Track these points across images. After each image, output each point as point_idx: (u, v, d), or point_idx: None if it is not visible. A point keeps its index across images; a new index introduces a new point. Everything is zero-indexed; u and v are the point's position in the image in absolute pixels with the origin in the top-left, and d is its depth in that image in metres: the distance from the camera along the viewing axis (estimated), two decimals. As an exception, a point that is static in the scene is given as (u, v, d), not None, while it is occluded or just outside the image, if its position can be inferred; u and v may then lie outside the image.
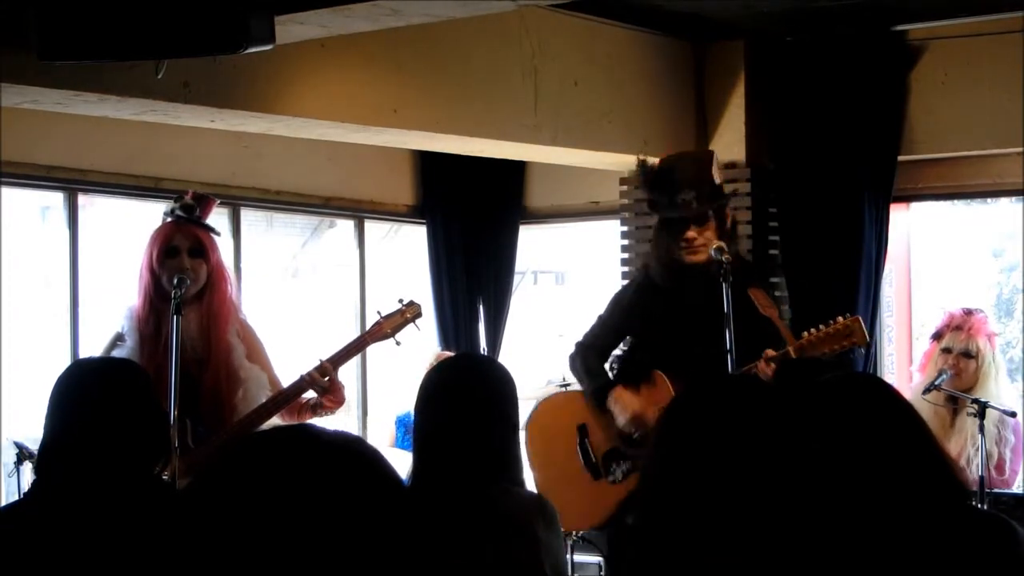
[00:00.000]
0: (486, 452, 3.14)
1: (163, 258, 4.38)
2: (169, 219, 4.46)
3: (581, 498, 4.73)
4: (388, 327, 4.60)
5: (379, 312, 4.66)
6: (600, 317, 4.99)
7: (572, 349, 5.02)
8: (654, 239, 4.85)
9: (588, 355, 4.92)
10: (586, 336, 4.99)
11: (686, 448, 2.06)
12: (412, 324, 4.63)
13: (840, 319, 4.54)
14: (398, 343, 4.64)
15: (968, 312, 5.42)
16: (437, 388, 3.23)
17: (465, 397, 3.17)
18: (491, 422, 3.17)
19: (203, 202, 4.50)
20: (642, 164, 4.86)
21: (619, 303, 4.95)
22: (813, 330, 4.52)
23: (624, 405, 4.70)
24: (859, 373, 3.64)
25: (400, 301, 4.66)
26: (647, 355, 4.78)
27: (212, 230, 4.50)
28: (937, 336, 5.46)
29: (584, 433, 4.88)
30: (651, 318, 4.77)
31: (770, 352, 4.47)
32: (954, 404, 5.27)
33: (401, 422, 6.53)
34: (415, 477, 3.20)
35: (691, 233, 4.64)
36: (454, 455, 3.12)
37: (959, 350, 5.33)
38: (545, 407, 5.07)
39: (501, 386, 3.24)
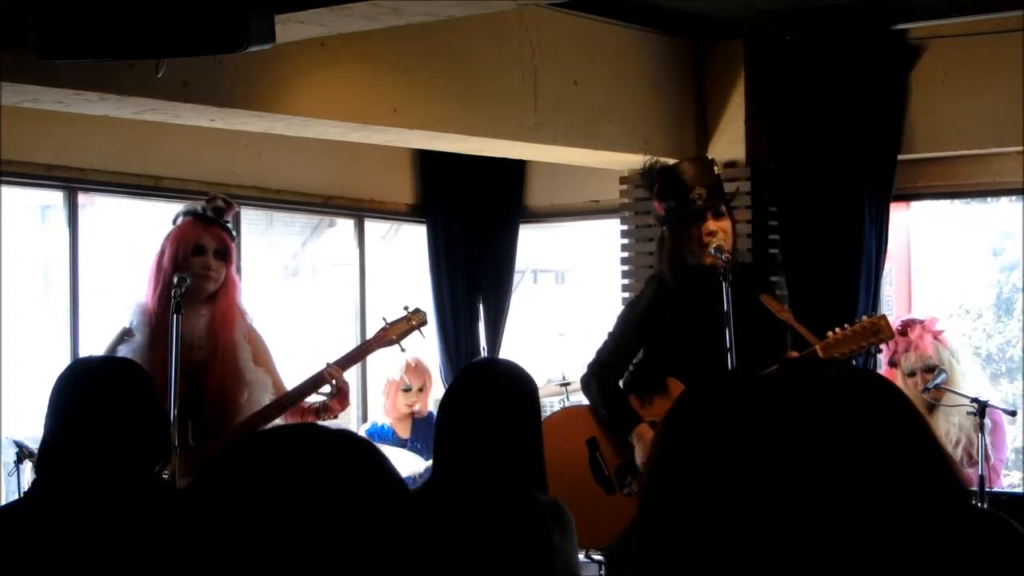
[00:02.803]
0: (505, 457, 3.14)
1: (190, 255, 4.42)
2: (188, 218, 4.51)
3: (595, 515, 4.52)
4: (393, 333, 4.70)
5: (384, 319, 4.74)
6: (611, 334, 4.86)
7: (585, 371, 4.88)
8: (667, 246, 4.74)
9: (604, 377, 4.77)
10: (599, 355, 4.85)
11: (686, 449, 2.06)
12: (417, 331, 4.73)
13: (865, 317, 4.54)
14: (403, 349, 4.77)
15: (902, 332, 5.41)
16: (459, 393, 3.24)
17: (486, 403, 3.17)
18: (512, 428, 3.17)
19: (229, 207, 4.57)
20: (647, 173, 4.82)
21: (632, 317, 4.83)
22: (839, 329, 4.49)
23: (647, 444, 4.42)
24: (860, 370, 3.61)
25: (405, 308, 4.76)
26: (664, 361, 4.68)
27: (232, 235, 4.58)
28: (893, 364, 5.47)
29: (595, 447, 4.77)
30: (669, 326, 4.69)
31: (794, 354, 4.44)
32: (932, 401, 5.28)
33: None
34: (434, 479, 3.21)
35: (711, 225, 4.61)
36: (472, 459, 3.13)
37: (920, 368, 5.38)
38: (548, 424, 4.86)
39: (524, 393, 3.24)
